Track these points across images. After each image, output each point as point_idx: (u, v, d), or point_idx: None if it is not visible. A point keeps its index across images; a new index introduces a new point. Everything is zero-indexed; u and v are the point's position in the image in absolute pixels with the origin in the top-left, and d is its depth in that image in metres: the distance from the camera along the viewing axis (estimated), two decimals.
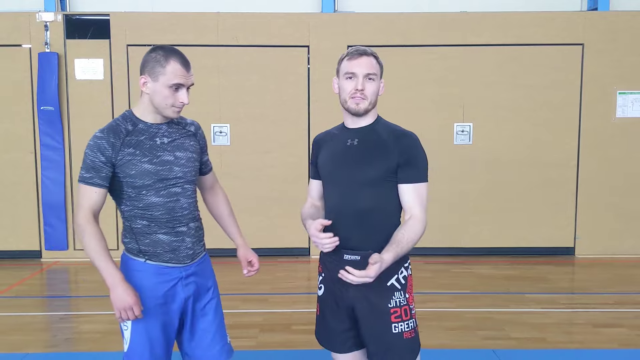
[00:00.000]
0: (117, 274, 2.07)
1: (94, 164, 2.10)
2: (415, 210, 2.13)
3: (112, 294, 2.07)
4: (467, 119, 6.48)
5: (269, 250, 6.38)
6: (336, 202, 2.20)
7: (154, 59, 2.14)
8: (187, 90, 2.17)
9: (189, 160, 2.26)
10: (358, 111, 2.16)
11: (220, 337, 2.37)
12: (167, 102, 2.14)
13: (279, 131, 6.43)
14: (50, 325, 4.55)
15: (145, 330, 2.18)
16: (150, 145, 2.17)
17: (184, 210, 2.24)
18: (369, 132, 2.19)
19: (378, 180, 2.13)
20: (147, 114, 2.20)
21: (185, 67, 2.15)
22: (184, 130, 2.30)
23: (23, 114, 6.39)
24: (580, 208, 6.56)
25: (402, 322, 2.15)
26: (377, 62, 2.17)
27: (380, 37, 6.39)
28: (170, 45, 2.26)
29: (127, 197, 2.18)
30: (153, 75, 2.14)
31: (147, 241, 2.19)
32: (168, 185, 2.19)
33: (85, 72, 6.38)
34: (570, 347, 3.94)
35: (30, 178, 6.46)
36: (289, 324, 4.34)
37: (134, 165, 2.13)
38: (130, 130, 2.16)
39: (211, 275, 2.42)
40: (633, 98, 6.43)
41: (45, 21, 6.31)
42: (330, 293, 2.25)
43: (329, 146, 2.26)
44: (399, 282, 2.18)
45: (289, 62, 6.45)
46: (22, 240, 6.52)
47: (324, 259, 2.29)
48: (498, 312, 4.61)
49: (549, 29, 6.39)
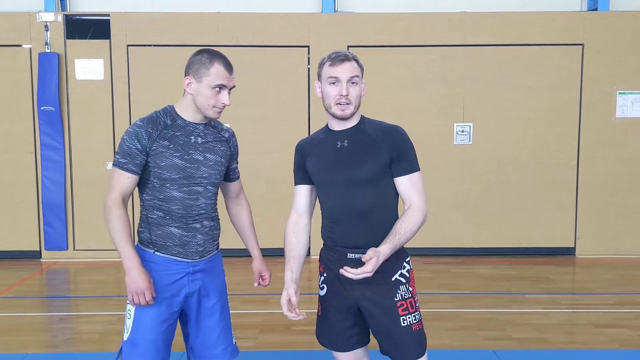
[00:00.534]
0: (135, 257, 2.12)
1: (130, 150, 2.17)
2: (414, 199, 2.17)
3: (128, 277, 2.12)
4: (467, 119, 6.48)
5: (269, 251, 6.34)
6: (334, 204, 2.22)
7: (199, 61, 2.21)
8: (228, 92, 2.23)
9: (216, 164, 2.32)
10: (344, 116, 2.18)
11: (225, 338, 2.39)
12: (209, 102, 2.20)
13: (279, 131, 6.43)
14: (50, 325, 4.55)
15: (147, 319, 2.21)
16: (185, 142, 2.23)
17: (201, 210, 2.28)
18: (358, 132, 2.21)
19: (374, 178, 2.16)
20: (188, 113, 2.26)
21: (228, 70, 2.23)
22: (219, 135, 2.37)
23: (23, 114, 6.39)
24: (581, 208, 6.56)
25: (409, 315, 2.19)
26: (358, 65, 2.18)
27: (381, 37, 6.38)
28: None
29: (151, 187, 2.23)
30: (197, 76, 2.20)
31: (159, 232, 2.24)
32: (192, 183, 2.25)
33: (86, 72, 6.37)
34: (571, 348, 3.93)
35: (30, 178, 6.45)
36: (289, 325, 4.32)
37: (165, 157, 2.19)
38: (169, 124, 2.23)
39: (221, 274, 2.44)
40: (633, 98, 6.43)
41: (46, 21, 6.31)
42: (333, 292, 2.26)
43: (317, 151, 2.26)
44: (403, 277, 2.22)
45: (289, 63, 6.44)
46: (22, 241, 6.52)
47: (325, 259, 2.30)
48: (499, 313, 4.60)
49: (549, 30, 6.38)
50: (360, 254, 2.10)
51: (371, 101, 6.34)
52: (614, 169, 6.49)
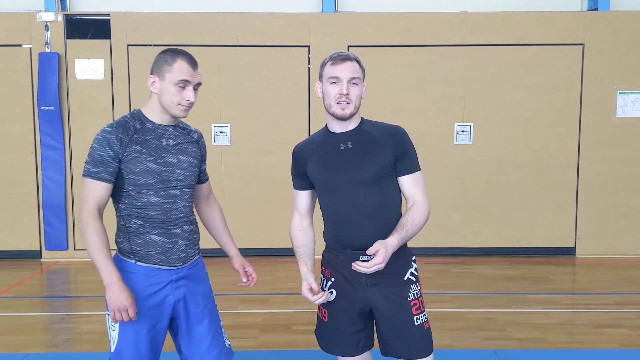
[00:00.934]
0: (115, 273, 2.07)
1: (102, 158, 2.11)
2: (418, 196, 2.20)
3: (108, 294, 2.07)
4: (467, 119, 6.48)
5: (269, 250, 6.37)
6: (339, 207, 2.20)
7: (162, 59, 2.18)
8: (193, 88, 2.19)
9: (190, 165, 2.28)
10: (344, 116, 2.16)
11: (218, 342, 2.36)
12: (173, 99, 2.16)
13: (279, 131, 6.43)
14: (50, 325, 4.55)
15: (132, 332, 2.18)
16: (157, 145, 2.19)
17: (180, 213, 2.25)
18: (360, 133, 2.21)
19: (379, 178, 2.16)
20: (155, 114, 2.22)
21: (192, 66, 2.18)
22: (188, 136, 2.34)
23: (23, 114, 6.39)
24: (581, 208, 6.56)
25: (421, 314, 2.22)
26: (359, 67, 2.18)
27: (381, 37, 6.38)
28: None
29: (126, 195, 2.18)
30: (160, 74, 2.17)
31: (139, 241, 2.19)
32: (168, 186, 2.20)
33: (86, 72, 6.38)
34: (571, 348, 3.93)
35: (30, 178, 6.46)
36: (290, 325, 4.33)
37: (139, 162, 2.14)
38: (138, 128, 2.18)
39: (205, 279, 2.40)
40: (633, 98, 6.42)
41: (46, 21, 6.31)
42: (343, 296, 2.22)
43: (317, 154, 2.24)
44: (413, 275, 2.25)
45: (289, 62, 6.44)
46: (22, 241, 6.52)
47: (332, 262, 2.26)
48: (499, 313, 4.60)
49: (550, 29, 6.38)
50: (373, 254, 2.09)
51: (371, 101, 6.33)
52: (614, 169, 6.49)
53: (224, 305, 4.76)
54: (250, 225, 6.31)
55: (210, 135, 6.37)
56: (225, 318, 2.47)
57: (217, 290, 2.52)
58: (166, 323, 2.27)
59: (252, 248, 6.18)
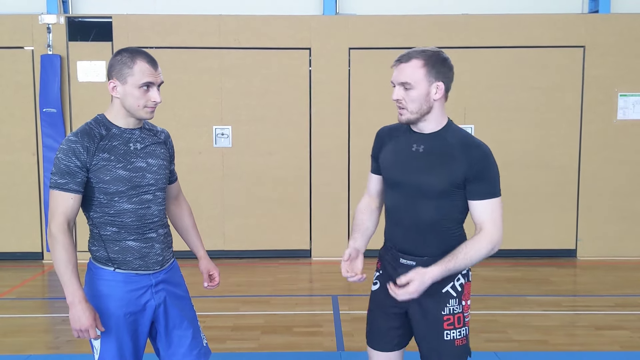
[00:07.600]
0: (79, 292, 2.05)
1: (69, 168, 2.05)
2: (487, 227, 2.08)
3: (70, 313, 2.05)
4: (468, 121, 6.48)
5: (270, 252, 6.37)
6: (395, 207, 2.16)
7: (120, 62, 2.12)
8: (157, 88, 2.14)
9: (160, 168, 2.24)
10: (401, 122, 2.08)
11: (197, 342, 2.37)
12: (139, 103, 2.11)
13: (280, 133, 6.43)
14: (52, 327, 4.56)
15: (114, 339, 2.17)
16: (125, 150, 2.14)
17: (154, 217, 2.23)
18: (436, 139, 2.07)
19: (442, 192, 2.04)
20: (120, 119, 2.17)
21: (153, 66, 2.13)
22: (156, 137, 2.29)
23: (25, 116, 6.40)
24: (582, 210, 6.55)
25: (454, 330, 2.14)
26: (420, 68, 2.07)
27: (383, 39, 6.39)
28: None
29: (97, 204, 2.14)
30: (121, 78, 2.10)
31: (116, 249, 2.17)
32: (140, 192, 2.17)
33: (88, 74, 6.39)
34: (572, 350, 3.93)
35: (32, 180, 6.47)
36: (291, 326, 4.33)
37: (108, 170, 2.10)
38: (104, 134, 2.13)
39: (181, 281, 2.40)
40: (634, 100, 6.42)
41: (48, 23, 6.32)
42: (385, 292, 2.16)
43: (392, 146, 2.16)
44: (454, 290, 2.16)
45: (290, 65, 6.45)
46: (24, 242, 6.53)
47: (383, 257, 2.26)
48: (500, 315, 4.60)
49: (551, 32, 6.39)
50: (412, 261, 2.05)
51: (373, 102, 6.38)
52: (615, 171, 6.48)
53: (225, 306, 4.78)
54: (251, 227, 6.30)
55: (212, 137, 6.38)
56: (227, 319, 2.49)
57: (217, 292, 2.52)
58: (147, 327, 2.26)
59: (253, 250, 6.15)
